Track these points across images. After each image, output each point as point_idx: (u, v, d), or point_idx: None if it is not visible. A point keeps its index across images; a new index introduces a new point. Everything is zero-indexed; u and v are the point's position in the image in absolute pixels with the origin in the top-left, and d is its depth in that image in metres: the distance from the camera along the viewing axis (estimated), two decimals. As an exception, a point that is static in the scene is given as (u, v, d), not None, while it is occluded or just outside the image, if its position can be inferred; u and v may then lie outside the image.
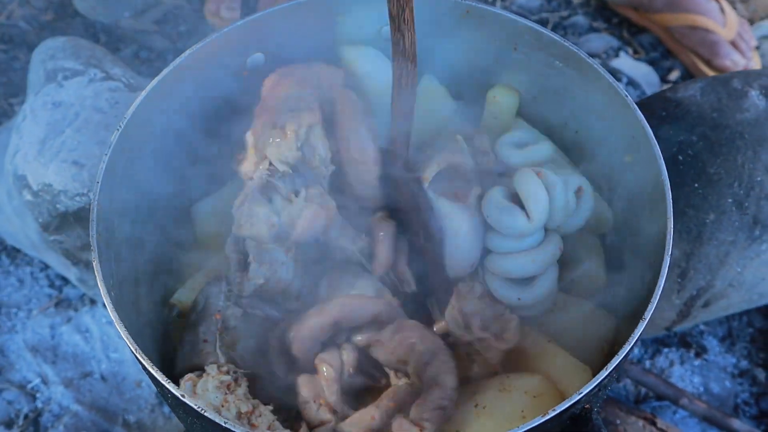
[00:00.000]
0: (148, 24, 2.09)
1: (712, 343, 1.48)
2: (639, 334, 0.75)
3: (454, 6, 1.07)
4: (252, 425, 0.88)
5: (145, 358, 0.78)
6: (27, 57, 2.04)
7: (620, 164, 1.00)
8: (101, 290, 0.79)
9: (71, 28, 2.10)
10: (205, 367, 0.92)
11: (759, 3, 2.08)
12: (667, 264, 0.80)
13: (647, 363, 1.44)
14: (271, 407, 0.91)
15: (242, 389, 0.92)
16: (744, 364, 1.47)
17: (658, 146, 0.89)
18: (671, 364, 1.44)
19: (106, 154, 0.92)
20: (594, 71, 0.98)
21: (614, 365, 0.74)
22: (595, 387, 0.72)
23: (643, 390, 1.42)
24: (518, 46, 1.07)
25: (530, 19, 2.04)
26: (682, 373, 1.44)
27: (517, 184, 0.97)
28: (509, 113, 1.14)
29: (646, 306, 0.78)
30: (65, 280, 1.58)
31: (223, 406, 0.88)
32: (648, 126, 0.90)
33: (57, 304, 1.55)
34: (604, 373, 0.73)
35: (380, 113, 1.00)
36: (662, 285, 0.78)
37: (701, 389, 1.43)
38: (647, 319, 0.76)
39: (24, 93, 1.95)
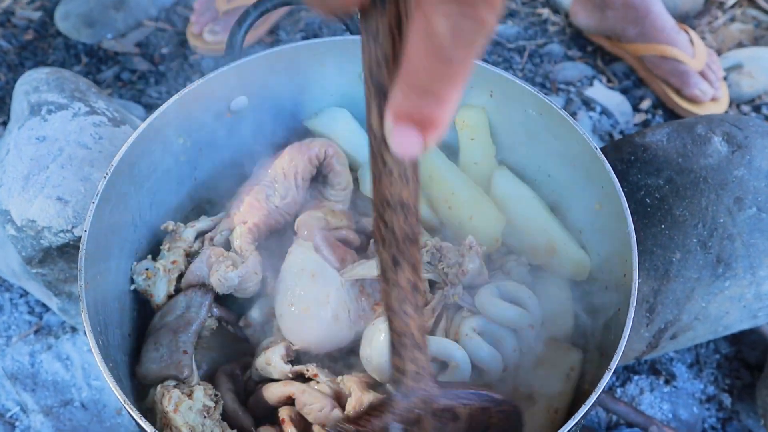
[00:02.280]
0: (130, 46, 2.10)
1: (680, 369, 1.52)
2: (603, 386, 0.79)
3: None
4: None
5: (145, 420, 0.80)
6: (7, 77, 2.03)
7: (591, 211, 1.04)
8: (91, 344, 0.80)
9: (52, 49, 2.09)
10: (195, 388, 0.95)
11: (726, 34, 2.15)
12: (632, 315, 0.84)
13: (618, 391, 1.48)
14: (235, 431, 0.96)
15: (218, 411, 0.96)
16: (711, 389, 1.51)
17: (625, 200, 0.93)
18: (641, 391, 1.49)
19: (93, 202, 0.93)
20: (566, 122, 1.02)
21: (581, 415, 0.77)
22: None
23: (615, 416, 1.46)
24: (494, 93, 1.11)
25: (507, 47, 2.12)
26: (652, 400, 1.48)
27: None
28: (483, 130, 1.16)
29: (612, 354, 0.82)
30: (46, 307, 1.58)
31: (199, 429, 0.92)
32: (616, 179, 0.94)
33: (37, 331, 1.55)
34: (571, 422, 0.77)
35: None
36: (627, 335, 0.82)
37: (670, 415, 1.47)
38: (612, 370, 0.79)
39: (3, 112, 1.95)
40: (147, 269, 1.06)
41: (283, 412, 0.96)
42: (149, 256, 1.08)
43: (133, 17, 2.12)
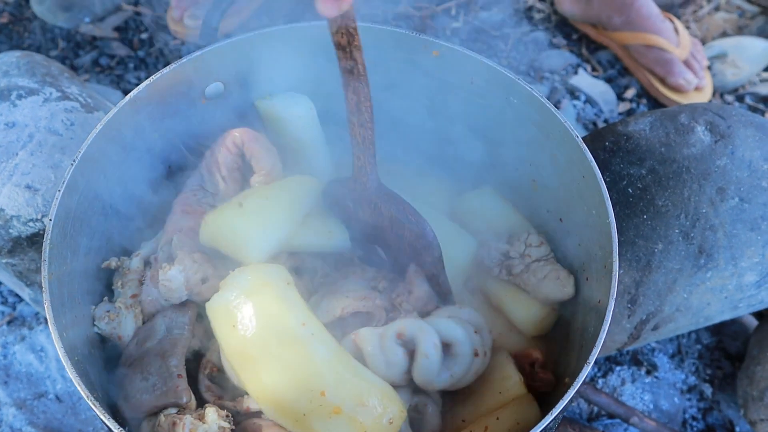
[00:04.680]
0: (108, 30, 2.05)
1: (662, 360, 1.52)
2: (582, 379, 0.77)
3: (413, 41, 1.08)
4: None
5: (109, 417, 0.77)
6: (-20, 62, 1.98)
7: (572, 201, 1.02)
8: (54, 337, 0.78)
9: (28, 32, 2.04)
10: (206, 411, 0.89)
11: (711, 23, 2.14)
12: (612, 306, 0.82)
13: (600, 382, 1.48)
14: None
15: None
16: (692, 380, 1.51)
17: (606, 190, 0.91)
18: (623, 382, 1.48)
19: (59, 190, 0.90)
20: (547, 110, 1.00)
21: (559, 409, 0.76)
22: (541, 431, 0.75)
23: (596, 407, 1.46)
24: (474, 80, 1.08)
25: (492, 35, 2.09)
26: (633, 391, 1.48)
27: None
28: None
29: (592, 347, 0.81)
30: (19, 297, 1.55)
31: None
32: (598, 169, 0.93)
33: (10, 322, 1.52)
34: (548, 418, 0.75)
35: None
36: (606, 328, 0.81)
37: (651, 406, 1.47)
38: (591, 363, 0.78)
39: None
40: (108, 311, 1.00)
41: None
42: (105, 298, 1.03)
43: (111, 1, 2.08)
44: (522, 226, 1.14)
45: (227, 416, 0.90)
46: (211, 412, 0.88)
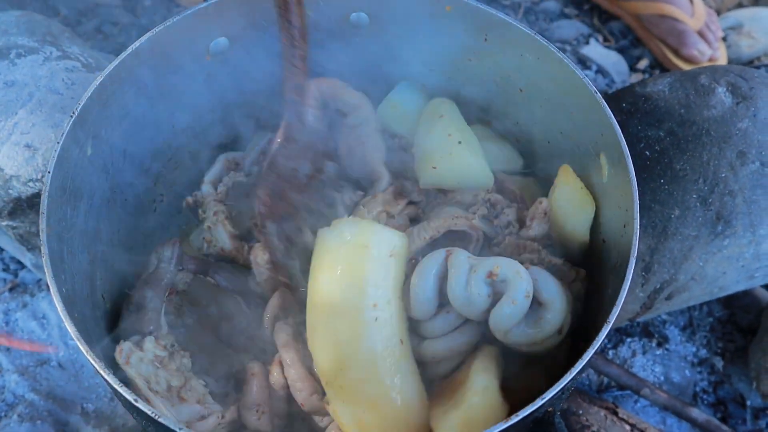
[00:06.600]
0: (110, -3, 2.02)
1: (673, 332, 1.50)
2: (603, 337, 0.75)
3: (426, -6, 1.04)
4: (181, 398, 0.91)
5: (110, 372, 0.76)
6: (-20, 28, 1.95)
7: (589, 160, 0.99)
8: (52, 290, 0.75)
9: (28, -1, 2.01)
10: (144, 340, 0.94)
11: (727, -7, 2.09)
12: (633, 266, 0.79)
13: (610, 353, 1.45)
14: (203, 382, 0.94)
15: (176, 363, 0.95)
16: (703, 352, 1.49)
17: (626, 146, 0.88)
18: (634, 353, 1.46)
19: (58, 142, 0.87)
20: (564, 66, 0.96)
21: (578, 369, 0.74)
22: (558, 391, 0.72)
23: (606, 379, 1.44)
24: (488, 37, 1.05)
25: (501, 4, 2.05)
26: (644, 363, 1.46)
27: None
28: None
29: (611, 308, 0.78)
30: (21, 264, 1.53)
31: (153, 379, 0.91)
32: (617, 124, 0.89)
33: (12, 289, 1.50)
34: (567, 377, 0.73)
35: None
36: (627, 287, 0.78)
37: (662, 378, 1.45)
38: (611, 322, 0.76)
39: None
40: (204, 237, 1.11)
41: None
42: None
43: (113, -34, 2.03)
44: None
45: (165, 347, 0.95)
46: (148, 341, 0.93)
